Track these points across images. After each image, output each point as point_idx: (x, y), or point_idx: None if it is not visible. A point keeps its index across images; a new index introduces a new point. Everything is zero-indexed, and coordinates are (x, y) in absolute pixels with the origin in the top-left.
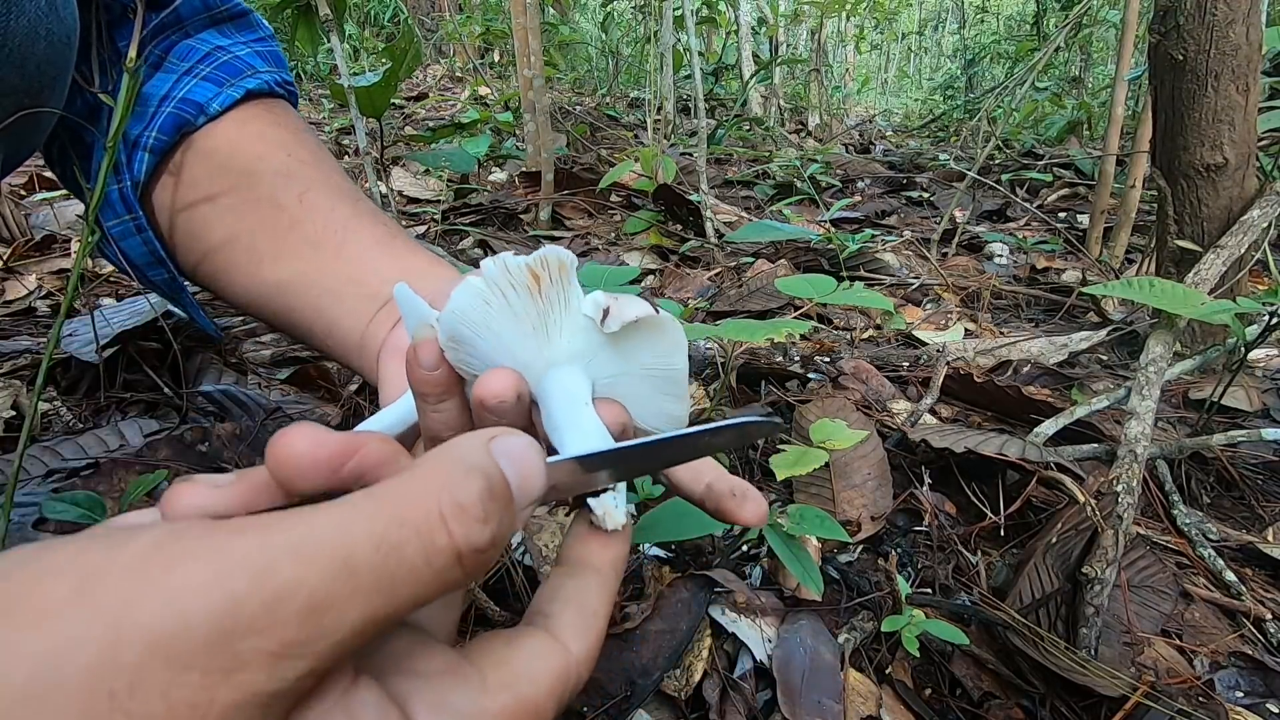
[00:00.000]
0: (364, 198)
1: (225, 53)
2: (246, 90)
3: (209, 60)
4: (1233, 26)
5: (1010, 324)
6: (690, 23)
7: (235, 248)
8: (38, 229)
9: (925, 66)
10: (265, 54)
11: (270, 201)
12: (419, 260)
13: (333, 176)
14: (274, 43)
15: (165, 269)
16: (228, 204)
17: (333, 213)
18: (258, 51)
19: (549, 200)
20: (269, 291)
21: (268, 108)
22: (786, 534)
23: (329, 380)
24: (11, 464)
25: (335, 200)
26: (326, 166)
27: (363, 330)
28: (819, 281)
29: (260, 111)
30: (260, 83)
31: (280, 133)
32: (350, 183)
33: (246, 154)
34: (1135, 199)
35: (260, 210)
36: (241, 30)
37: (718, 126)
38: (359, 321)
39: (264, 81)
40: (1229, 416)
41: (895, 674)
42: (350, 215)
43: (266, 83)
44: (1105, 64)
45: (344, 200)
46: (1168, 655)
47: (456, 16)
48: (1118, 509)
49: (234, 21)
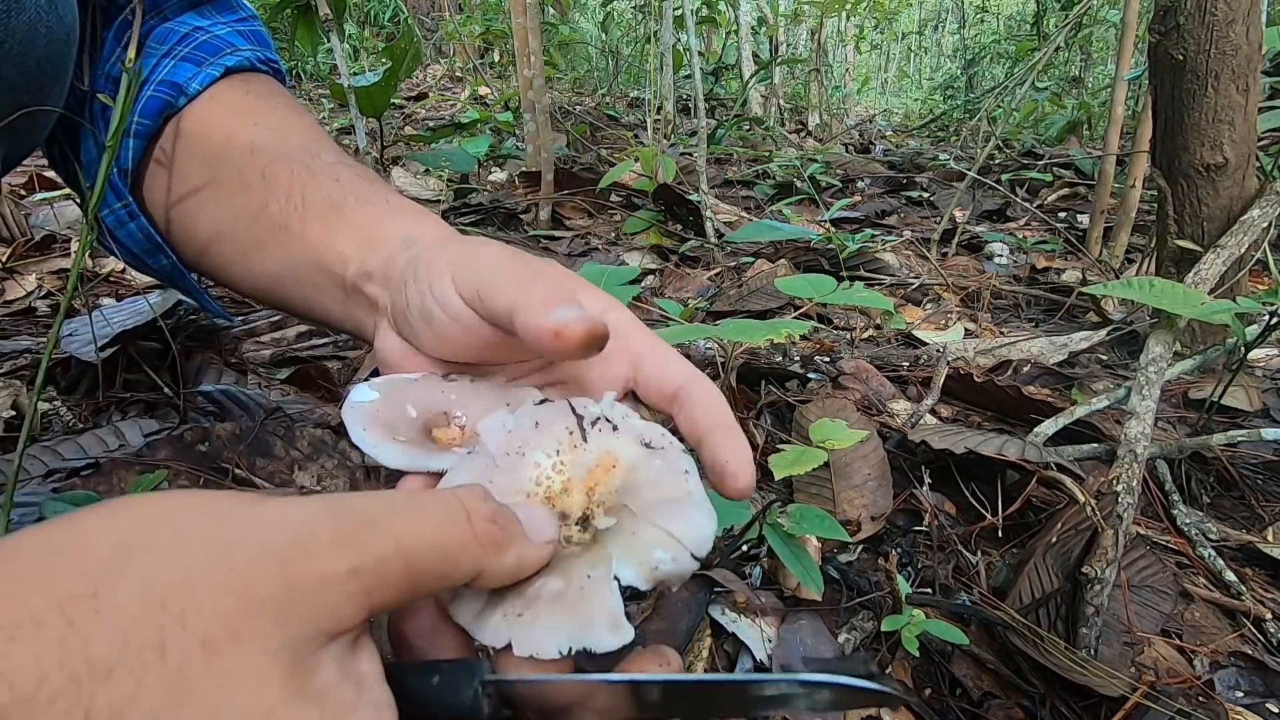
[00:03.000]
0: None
1: (204, 33)
2: (226, 68)
3: (187, 41)
4: (1233, 26)
5: (1010, 324)
6: (690, 23)
7: (222, 241)
8: (38, 229)
9: (925, 66)
10: (247, 33)
11: (241, 184)
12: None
13: (293, 138)
14: (256, 22)
15: (164, 255)
16: (209, 195)
17: (292, 182)
18: (239, 31)
19: (549, 200)
20: (262, 285)
21: (245, 81)
22: (787, 534)
23: (329, 380)
24: (11, 464)
25: (292, 165)
26: (289, 127)
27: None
28: (819, 281)
29: (236, 85)
30: (241, 59)
31: (251, 103)
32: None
33: (219, 133)
34: (1135, 199)
35: (234, 197)
36: (221, 11)
37: (718, 126)
38: (344, 311)
39: (244, 58)
40: (1229, 416)
41: (895, 674)
42: (305, 179)
43: (247, 59)
44: (1105, 64)
45: (298, 162)
46: (1168, 655)
47: (456, 16)
48: (1118, 509)
49: (213, 3)
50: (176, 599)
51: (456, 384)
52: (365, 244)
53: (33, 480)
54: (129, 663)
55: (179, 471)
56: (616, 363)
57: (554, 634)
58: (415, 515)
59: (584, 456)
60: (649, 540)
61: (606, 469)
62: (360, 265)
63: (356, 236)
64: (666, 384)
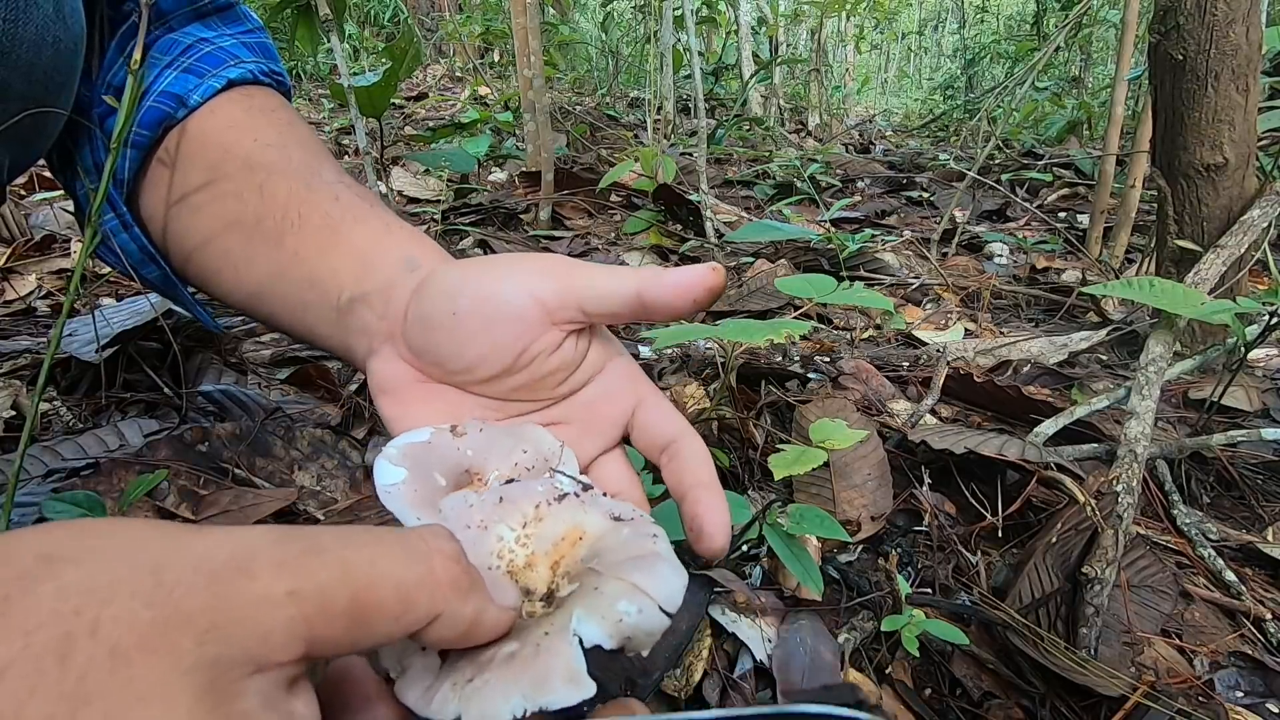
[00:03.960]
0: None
1: (208, 44)
2: (228, 80)
3: (191, 53)
4: (1233, 26)
5: (1010, 324)
6: (690, 23)
7: (211, 252)
8: (37, 229)
9: (925, 66)
10: (253, 45)
11: (235, 197)
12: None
13: (293, 154)
14: (263, 34)
15: (157, 265)
16: (203, 206)
17: (290, 199)
18: (244, 42)
19: (549, 200)
20: (249, 299)
21: (245, 94)
22: (787, 534)
23: (329, 380)
24: (12, 464)
25: (291, 183)
26: (289, 142)
27: (340, 341)
28: (819, 281)
29: (237, 98)
30: (244, 72)
31: (251, 119)
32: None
33: (216, 146)
34: (1135, 199)
35: (227, 209)
36: (228, 23)
37: (718, 126)
38: (333, 331)
39: (248, 70)
40: (1229, 416)
41: (895, 674)
42: (304, 197)
43: (251, 72)
44: (1105, 64)
45: (298, 180)
46: (1168, 655)
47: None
48: (1118, 509)
49: (220, 14)
50: (92, 607)
51: (467, 437)
52: (362, 266)
53: (33, 480)
54: (24, 667)
55: (179, 471)
56: (621, 401)
57: (507, 694)
58: (370, 546)
59: (550, 529)
60: (613, 593)
61: (573, 542)
62: (356, 288)
63: (353, 257)
64: (660, 435)
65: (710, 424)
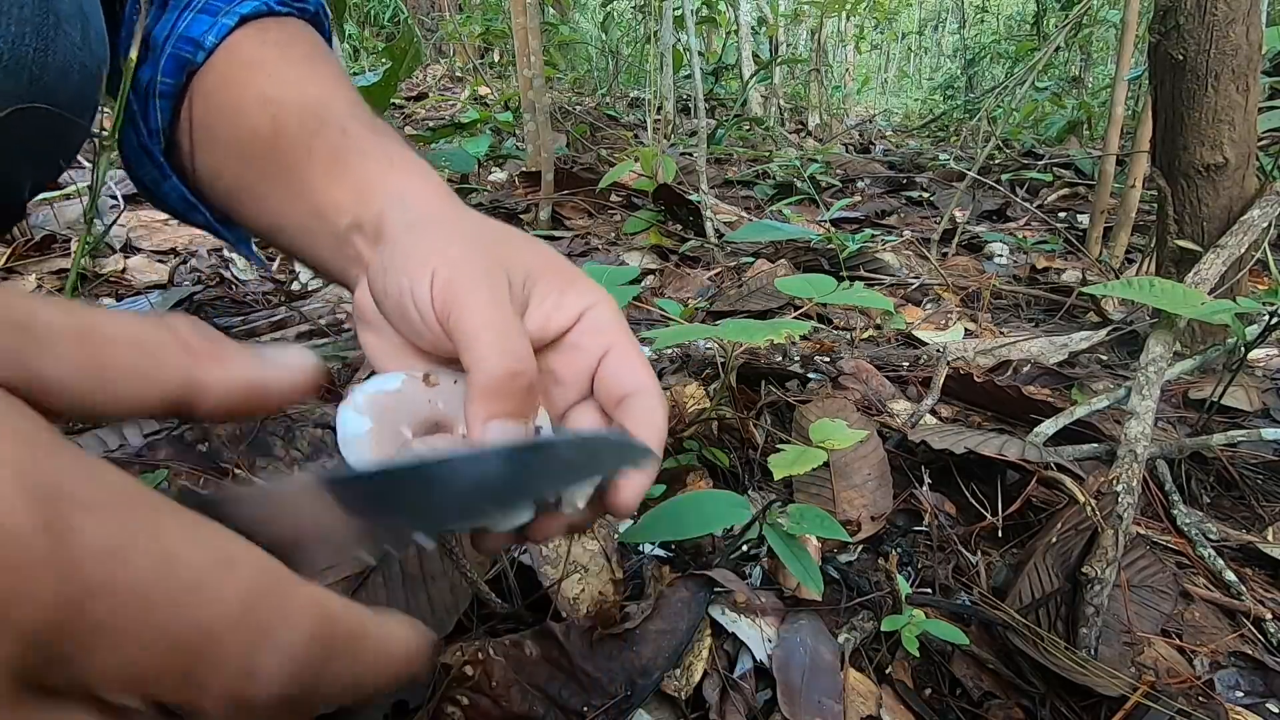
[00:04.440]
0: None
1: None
2: (240, 16)
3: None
4: (1233, 26)
5: (1010, 324)
6: (690, 23)
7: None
8: (38, 229)
9: (925, 66)
10: None
11: (251, 133)
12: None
13: (307, 89)
14: None
15: (199, 212)
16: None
17: (300, 132)
18: None
19: (549, 200)
20: (270, 231)
21: (260, 29)
22: (787, 534)
23: (329, 380)
24: None
25: (302, 115)
26: (304, 77)
27: (341, 270)
28: (819, 281)
29: (251, 34)
30: (258, 5)
31: (265, 53)
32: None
33: (234, 84)
34: (1135, 199)
35: (244, 146)
36: None
37: (718, 126)
38: (334, 258)
39: (262, 3)
40: (1229, 416)
41: (895, 674)
42: (315, 129)
43: (266, 3)
44: (1105, 64)
45: (309, 113)
46: (1168, 655)
47: (456, 16)
48: (1118, 509)
49: None
50: None
51: (439, 388)
52: (359, 196)
53: None
54: None
55: (179, 471)
56: (588, 353)
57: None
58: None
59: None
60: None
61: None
62: (353, 217)
63: (352, 189)
64: (618, 387)
65: (710, 424)
